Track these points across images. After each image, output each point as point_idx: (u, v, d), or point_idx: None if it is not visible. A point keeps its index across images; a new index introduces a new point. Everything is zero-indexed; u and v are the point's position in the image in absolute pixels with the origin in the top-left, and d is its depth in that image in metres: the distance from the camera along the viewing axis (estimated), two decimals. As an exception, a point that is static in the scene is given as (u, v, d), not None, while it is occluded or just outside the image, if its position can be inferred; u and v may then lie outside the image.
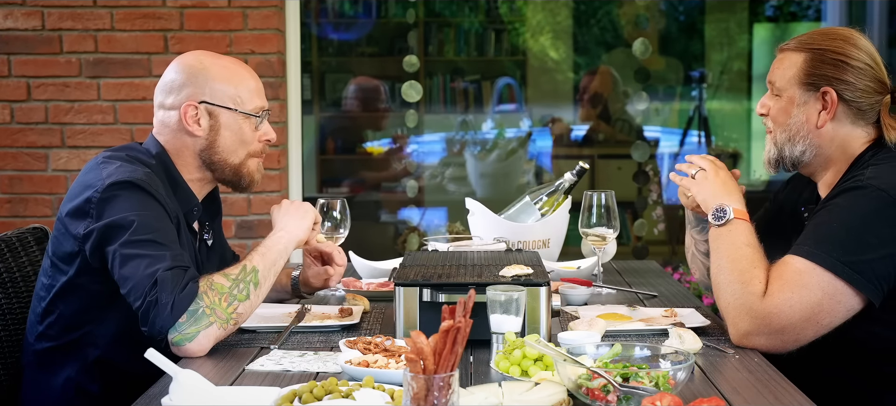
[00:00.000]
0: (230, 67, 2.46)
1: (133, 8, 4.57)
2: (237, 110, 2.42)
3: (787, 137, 2.38)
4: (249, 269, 2.23)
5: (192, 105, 2.40)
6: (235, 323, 2.19)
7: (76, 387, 2.35)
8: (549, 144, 7.57)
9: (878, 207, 2.20)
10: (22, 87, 4.59)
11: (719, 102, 8.01)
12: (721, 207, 2.35)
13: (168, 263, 2.14)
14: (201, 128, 2.41)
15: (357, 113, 7.27)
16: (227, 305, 2.17)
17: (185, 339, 2.12)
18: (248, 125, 2.44)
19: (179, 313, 2.11)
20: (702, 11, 8.09)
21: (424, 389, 1.51)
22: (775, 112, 2.40)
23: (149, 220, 2.21)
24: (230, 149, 2.44)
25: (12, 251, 2.65)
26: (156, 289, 2.12)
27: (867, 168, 2.30)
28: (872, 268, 2.17)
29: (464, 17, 7.76)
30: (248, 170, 2.47)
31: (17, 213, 4.62)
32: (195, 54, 2.48)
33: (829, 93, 2.33)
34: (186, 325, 2.12)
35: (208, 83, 2.41)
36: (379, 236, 6.92)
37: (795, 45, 2.39)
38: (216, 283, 2.17)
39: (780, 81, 2.39)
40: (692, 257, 2.64)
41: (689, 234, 2.63)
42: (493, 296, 2.04)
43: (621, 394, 1.71)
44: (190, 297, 2.12)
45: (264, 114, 2.48)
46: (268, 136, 2.49)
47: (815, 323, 2.17)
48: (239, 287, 2.19)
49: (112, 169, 2.29)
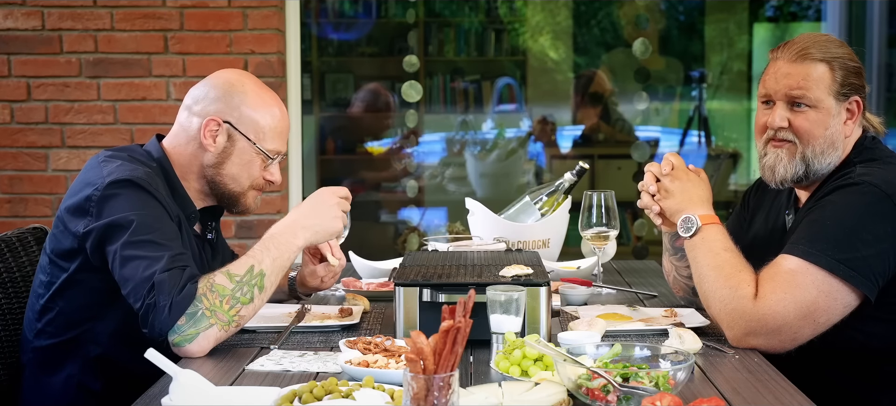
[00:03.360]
0: (266, 101, 2.44)
1: (133, 8, 4.57)
2: (255, 144, 2.42)
3: (820, 151, 2.33)
4: (256, 273, 2.20)
5: (216, 120, 2.39)
6: (237, 324, 2.18)
7: (78, 384, 2.35)
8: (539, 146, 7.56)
9: (871, 203, 2.21)
10: (22, 87, 4.59)
11: (719, 102, 8.01)
12: (686, 218, 2.33)
13: (165, 264, 2.14)
14: (215, 145, 2.40)
15: (357, 113, 7.27)
16: (229, 308, 2.15)
17: (184, 340, 2.12)
18: (259, 161, 2.44)
19: (177, 315, 2.11)
20: (702, 11, 8.09)
21: (424, 389, 1.51)
22: (807, 125, 2.33)
23: (148, 219, 2.21)
24: (234, 175, 2.43)
25: (12, 251, 2.65)
26: (154, 292, 2.11)
27: (856, 166, 2.31)
28: (868, 264, 2.17)
29: (464, 17, 7.76)
30: (246, 200, 2.47)
31: (17, 213, 4.62)
32: (239, 74, 2.47)
33: (858, 101, 2.35)
34: (186, 326, 2.11)
35: (240, 107, 2.40)
36: (379, 236, 6.91)
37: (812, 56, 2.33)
38: (217, 285, 2.15)
39: (814, 94, 2.32)
40: (674, 280, 2.60)
41: (666, 259, 2.59)
42: (493, 296, 2.04)
43: (621, 394, 1.71)
44: (188, 298, 2.12)
45: (277, 157, 2.46)
46: (273, 178, 2.47)
47: (811, 321, 2.17)
48: (243, 289, 2.18)
49: (113, 167, 2.29)
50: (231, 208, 2.49)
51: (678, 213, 2.36)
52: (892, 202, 2.20)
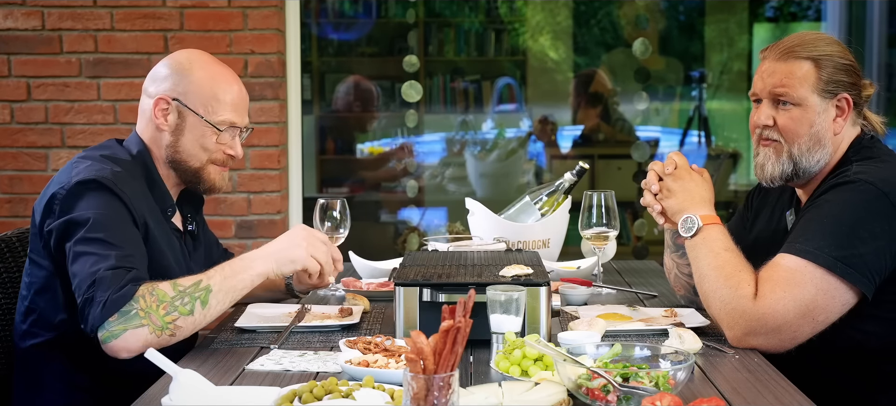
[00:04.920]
0: (216, 75, 2.45)
1: (133, 8, 4.57)
2: (203, 118, 2.42)
3: (806, 148, 2.34)
4: (203, 287, 2.18)
5: (165, 99, 2.42)
6: (172, 334, 2.15)
7: (67, 382, 2.36)
8: (540, 146, 7.56)
9: (867, 201, 2.21)
10: (22, 87, 4.59)
11: (719, 102, 8.00)
12: (688, 218, 2.34)
13: (111, 263, 2.14)
14: (167, 124, 2.43)
15: (358, 113, 7.27)
16: (165, 314, 2.13)
17: (111, 336, 2.10)
18: (210, 134, 2.44)
19: (110, 313, 2.10)
20: (702, 12, 8.08)
21: (424, 389, 1.51)
22: (791, 123, 2.34)
23: (104, 218, 2.22)
24: (190, 152, 2.44)
25: (12, 251, 2.65)
26: (93, 287, 2.12)
27: (852, 164, 2.31)
28: (865, 261, 2.17)
29: (464, 17, 7.76)
30: (208, 175, 2.47)
31: (17, 213, 4.62)
32: (189, 52, 2.50)
33: (847, 98, 2.34)
34: (115, 323, 2.10)
35: (187, 83, 2.43)
36: (379, 236, 6.91)
37: (797, 54, 2.34)
38: (158, 290, 2.14)
39: (796, 92, 2.33)
40: (675, 278, 2.60)
41: (668, 256, 2.60)
42: (493, 296, 2.04)
43: (621, 394, 1.71)
44: (124, 298, 2.11)
45: (231, 129, 2.46)
46: (231, 151, 2.47)
47: (810, 319, 2.17)
48: (184, 300, 2.15)
49: (82, 168, 2.31)
50: (197, 187, 2.49)
51: (679, 213, 2.36)
52: (889, 200, 2.21)
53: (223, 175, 2.50)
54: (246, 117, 2.51)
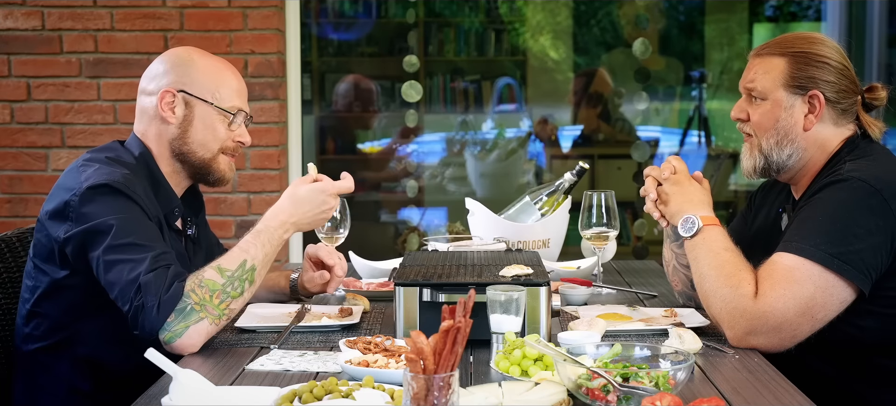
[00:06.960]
0: (215, 65, 2.48)
1: (133, 8, 4.57)
2: (213, 104, 2.43)
3: (774, 142, 2.38)
4: (249, 268, 2.23)
5: (170, 92, 2.42)
6: (228, 317, 2.21)
7: (68, 386, 2.35)
8: (540, 146, 7.56)
9: (860, 198, 2.22)
10: (22, 87, 4.59)
11: (719, 102, 8.00)
12: (688, 218, 2.35)
13: (149, 265, 2.15)
14: (175, 116, 2.42)
15: (358, 113, 7.27)
16: (220, 302, 2.18)
17: (174, 336, 2.14)
18: (221, 121, 2.45)
19: (167, 314, 2.12)
20: (702, 11, 8.08)
21: (424, 389, 1.51)
22: (759, 117, 2.39)
23: (127, 222, 2.22)
24: (201, 142, 2.44)
25: (12, 251, 2.65)
26: (141, 294, 2.13)
27: (845, 163, 2.32)
28: (861, 257, 2.18)
29: (464, 17, 7.76)
30: (218, 166, 2.48)
31: (17, 213, 4.62)
32: (184, 48, 2.52)
33: (817, 95, 2.35)
34: (175, 323, 2.13)
35: (190, 74, 2.43)
36: (379, 236, 6.91)
37: (771, 50, 2.39)
38: (207, 280, 2.18)
39: (762, 85, 2.38)
40: (673, 270, 2.60)
41: (667, 247, 2.60)
42: (493, 296, 2.04)
43: (621, 394, 1.71)
44: (176, 296, 2.14)
45: (240, 114, 2.47)
46: (241, 138, 2.49)
47: (810, 317, 2.17)
48: (234, 284, 2.21)
49: (90, 172, 2.29)
50: (206, 179, 2.50)
51: (679, 214, 2.37)
52: (882, 197, 2.22)
53: (231, 165, 2.52)
54: (248, 106, 2.53)
